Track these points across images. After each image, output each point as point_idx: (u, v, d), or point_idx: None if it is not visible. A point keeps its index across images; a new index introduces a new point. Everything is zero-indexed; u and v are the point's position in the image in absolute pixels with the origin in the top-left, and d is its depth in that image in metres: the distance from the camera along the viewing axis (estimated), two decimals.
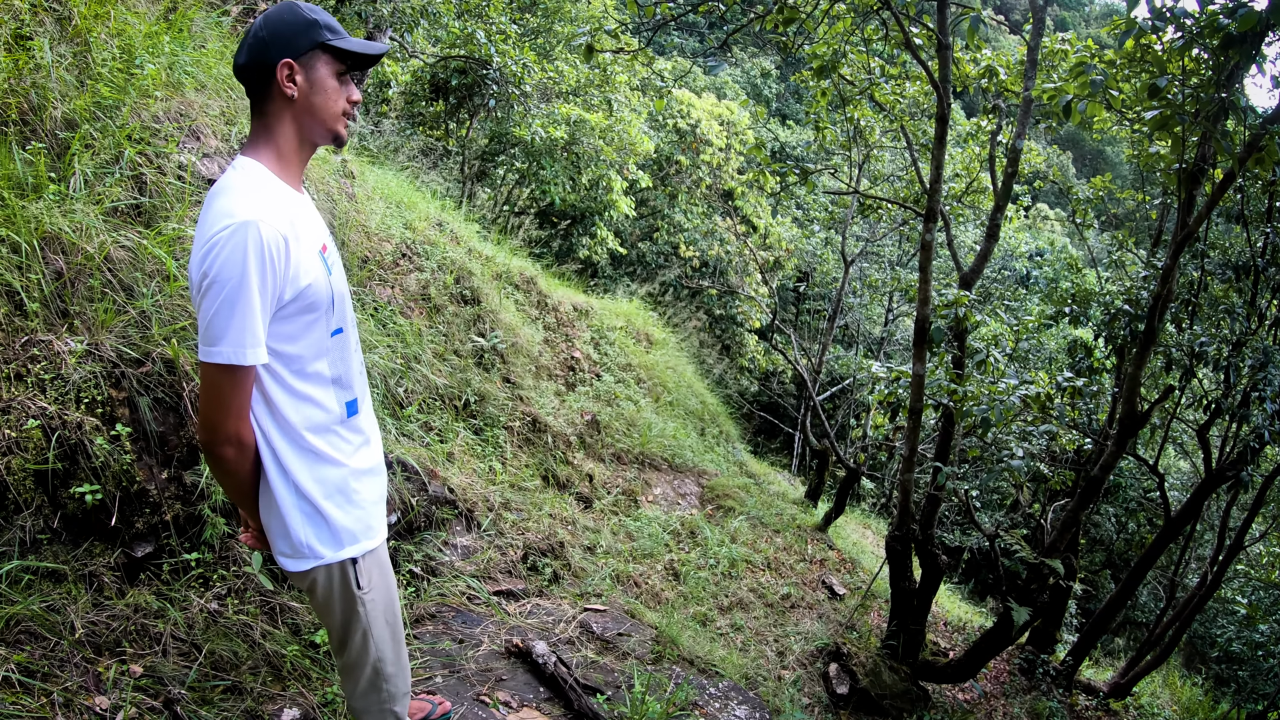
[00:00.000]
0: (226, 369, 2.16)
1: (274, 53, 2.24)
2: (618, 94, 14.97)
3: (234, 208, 2.14)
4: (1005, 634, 5.96)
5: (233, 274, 2.10)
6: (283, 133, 2.33)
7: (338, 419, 2.47)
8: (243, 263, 2.10)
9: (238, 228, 2.11)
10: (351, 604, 2.56)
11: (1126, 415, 5.66)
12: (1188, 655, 13.40)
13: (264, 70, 2.26)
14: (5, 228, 3.40)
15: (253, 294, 2.12)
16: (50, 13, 4.25)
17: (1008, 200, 6.57)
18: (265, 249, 2.13)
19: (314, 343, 2.37)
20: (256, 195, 2.19)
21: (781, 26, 6.31)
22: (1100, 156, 50.25)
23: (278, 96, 2.28)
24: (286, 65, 2.25)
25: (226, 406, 2.21)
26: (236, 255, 2.10)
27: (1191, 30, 4.62)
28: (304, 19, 2.26)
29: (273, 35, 2.24)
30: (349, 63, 2.36)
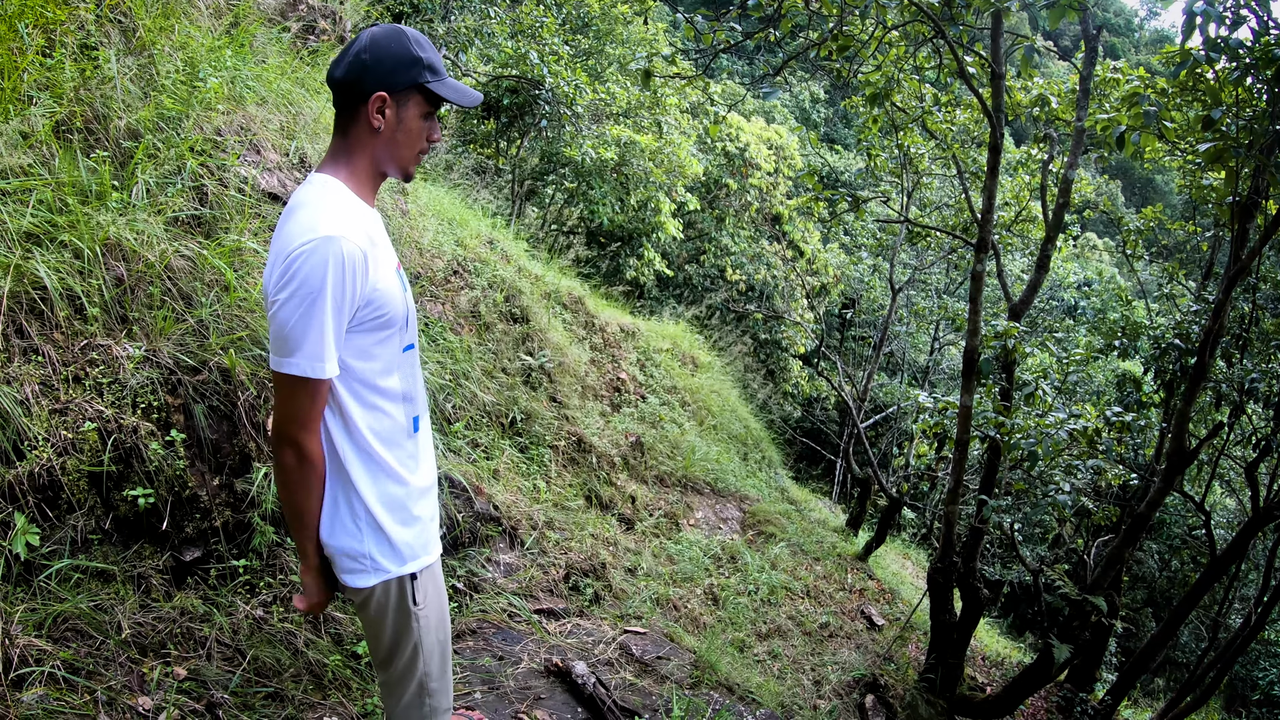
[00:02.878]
0: (299, 380, 2.17)
1: (371, 81, 2.22)
2: (668, 116, 15.01)
3: (316, 222, 2.15)
4: (1045, 671, 5.85)
5: (312, 288, 2.11)
6: (360, 157, 2.32)
7: (405, 434, 2.49)
8: (323, 277, 2.11)
9: (320, 242, 2.11)
10: (406, 619, 2.55)
11: (1175, 451, 5.56)
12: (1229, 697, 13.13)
13: (358, 94, 2.24)
14: (69, 233, 3.46)
15: (328, 308, 2.14)
16: (116, 24, 4.34)
17: (1059, 231, 6.50)
18: (346, 264, 2.14)
19: (388, 358, 2.38)
20: (338, 211, 2.20)
21: (836, 54, 6.31)
22: (1150, 185, 49.61)
23: (364, 123, 2.27)
24: (380, 99, 2.23)
25: (293, 415, 2.22)
26: (318, 269, 2.11)
27: (1246, 61, 4.55)
28: (410, 55, 2.24)
29: (375, 62, 2.22)
30: (440, 105, 2.34)
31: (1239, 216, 5.25)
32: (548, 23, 11.79)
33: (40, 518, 3.08)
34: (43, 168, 3.58)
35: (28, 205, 3.41)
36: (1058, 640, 5.64)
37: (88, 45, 4.14)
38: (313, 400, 2.22)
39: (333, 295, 2.13)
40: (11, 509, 2.98)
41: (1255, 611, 7.17)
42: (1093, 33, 6.18)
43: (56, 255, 3.40)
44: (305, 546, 2.44)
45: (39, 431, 3.10)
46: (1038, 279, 6.59)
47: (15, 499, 3.00)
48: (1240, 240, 5.30)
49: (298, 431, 2.23)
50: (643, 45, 17.26)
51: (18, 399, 3.08)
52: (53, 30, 4.00)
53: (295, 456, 2.26)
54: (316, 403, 2.24)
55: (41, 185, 3.50)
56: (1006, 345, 5.95)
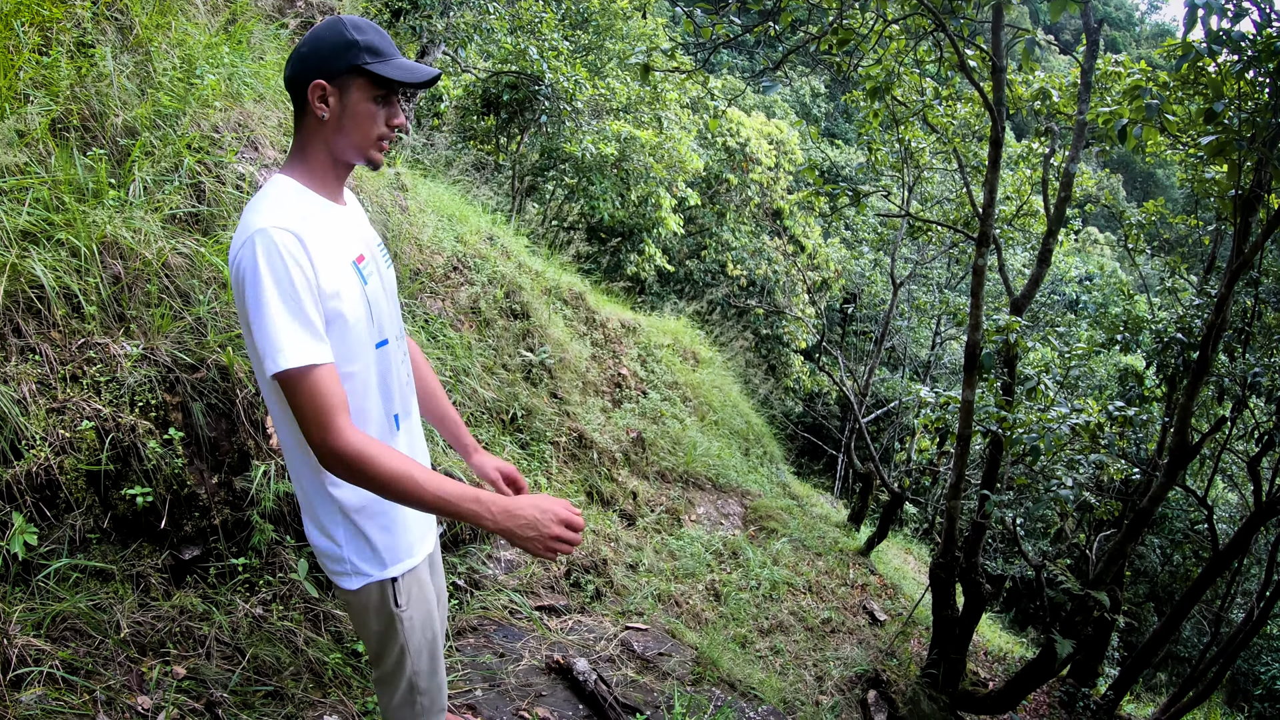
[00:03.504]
0: (286, 380, 2.06)
1: (309, 72, 2.17)
2: (668, 111, 15.00)
3: (245, 224, 2.11)
4: (1048, 666, 5.85)
5: (255, 283, 2.04)
6: (314, 151, 2.26)
7: (385, 434, 2.41)
8: (257, 270, 2.04)
9: (248, 240, 2.06)
10: (390, 621, 2.50)
11: (1177, 446, 5.55)
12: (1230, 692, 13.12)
13: (301, 86, 2.19)
14: (65, 232, 3.45)
15: (275, 295, 2.05)
16: (112, 22, 4.33)
17: (1060, 225, 6.48)
18: (279, 250, 2.06)
19: (350, 354, 2.27)
20: (266, 206, 2.14)
21: (836, 48, 6.29)
22: (1151, 179, 49.58)
23: (310, 115, 2.21)
24: (319, 86, 2.17)
25: (308, 420, 2.07)
26: (251, 265, 2.05)
27: (1248, 53, 4.53)
28: (344, 39, 2.17)
29: (311, 53, 2.18)
30: (392, 87, 2.26)
31: (1241, 210, 5.23)
32: (547, 18, 11.76)
33: (38, 517, 3.07)
34: (39, 166, 3.57)
35: (24, 204, 3.40)
36: (1060, 635, 5.63)
37: (84, 43, 4.12)
38: (309, 395, 2.06)
39: (276, 282, 2.05)
40: (9, 509, 2.97)
41: (1257, 606, 7.16)
42: (1094, 26, 6.16)
43: (53, 253, 3.39)
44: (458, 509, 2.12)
45: (36, 431, 3.09)
46: (1040, 273, 6.57)
47: (13, 499, 2.99)
48: (1242, 234, 5.29)
49: (323, 435, 2.06)
50: (642, 40, 17.23)
51: (15, 398, 3.07)
52: (49, 28, 3.98)
53: (342, 461, 2.07)
54: (321, 395, 2.07)
55: (38, 183, 3.49)
56: (1008, 340, 5.94)
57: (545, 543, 2.13)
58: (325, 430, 2.06)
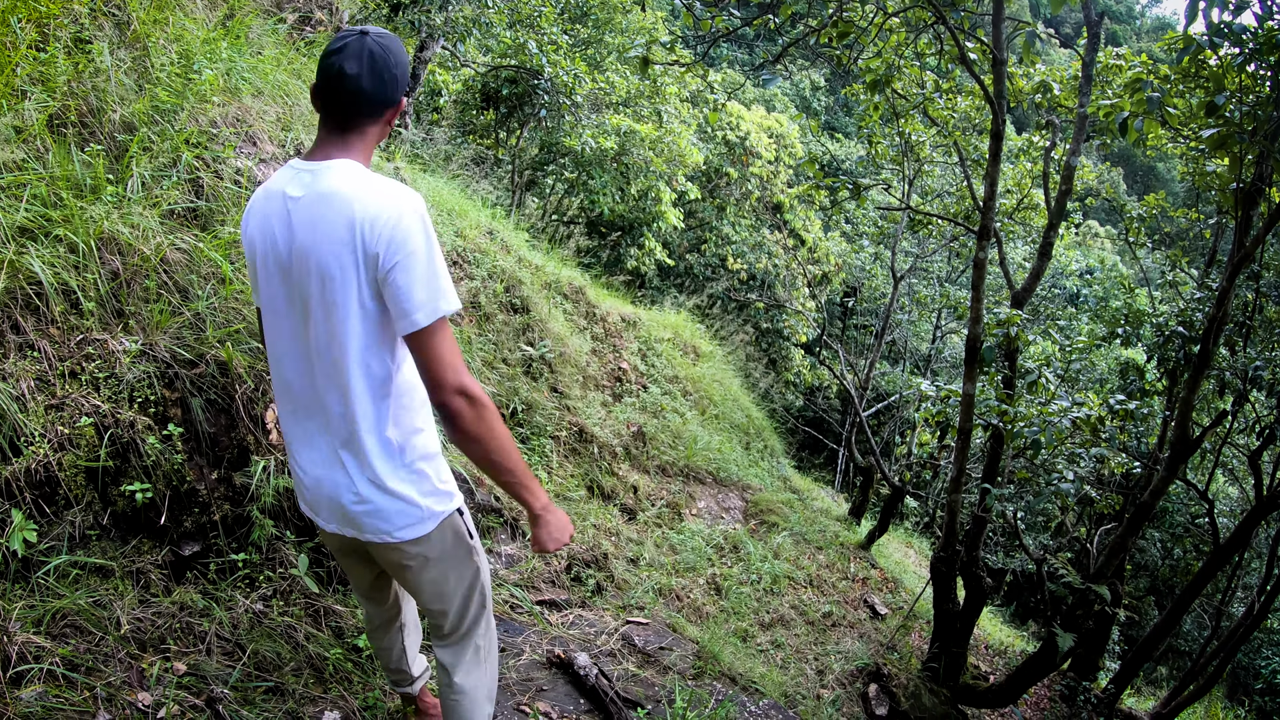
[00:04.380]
0: (444, 322, 2.26)
1: (397, 91, 2.34)
2: (668, 105, 14.97)
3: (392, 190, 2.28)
4: (1049, 660, 5.85)
5: (425, 237, 2.25)
6: (370, 149, 2.42)
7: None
8: (425, 228, 2.26)
9: (411, 202, 2.26)
10: (468, 555, 2.66)
11: (1178, 440, 5.54)
12: (1231, 686, 13.14)
13: (385, 102, 2.34)
14: (64, 228, 3.44)
15: (438, 251, 2.28)
16: (110, 17, 4.32)
17: (1061, 218, 6.47)
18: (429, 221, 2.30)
19: None
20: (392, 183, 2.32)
21: (836, 41, 6.27)
22: (1152, 173, 49.52)
23: (381, 126, 2.40)
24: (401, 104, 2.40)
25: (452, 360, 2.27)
26: (418, 224, 2.25)
27: (1249, 46, 4.52)
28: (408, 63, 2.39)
29: (404, 74, 2.35)
30: None
31: (1242, 203, 5.22)
32: (546, 12, 11.73)
33: (37, 514, 3.06)
34: (36, 162, 3.56)
35: (21, 200, 3.39)
36: (1061, 629, 5.63)
37: (81, 38, 4.11)
38: (452, 339, 2.29)
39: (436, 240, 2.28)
40: (9, 505, 2.96)
41: (1258, 600, 7.16)
42: (1095, 19, 6.14)
43: (51, 250, 3.38)
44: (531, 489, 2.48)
45: (35, 427, 3.08)
46: (1040, 266, 6.56)
47: (12, 495, 2.98)
48: (1244, 227, 5.28)
49: (459, 376, 2.26)
50: (641, 33, 17.17)
51: (14, 395, 3.06)
52: (46, 24, 3.97)
53: (468, 400, 2.27)
54: (454, 342, 2.31)
55: (35, 179, 3.48)
56: (1009, 333, 5.93)
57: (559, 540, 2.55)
58: (462, 371, 2.27)
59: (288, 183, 2.34)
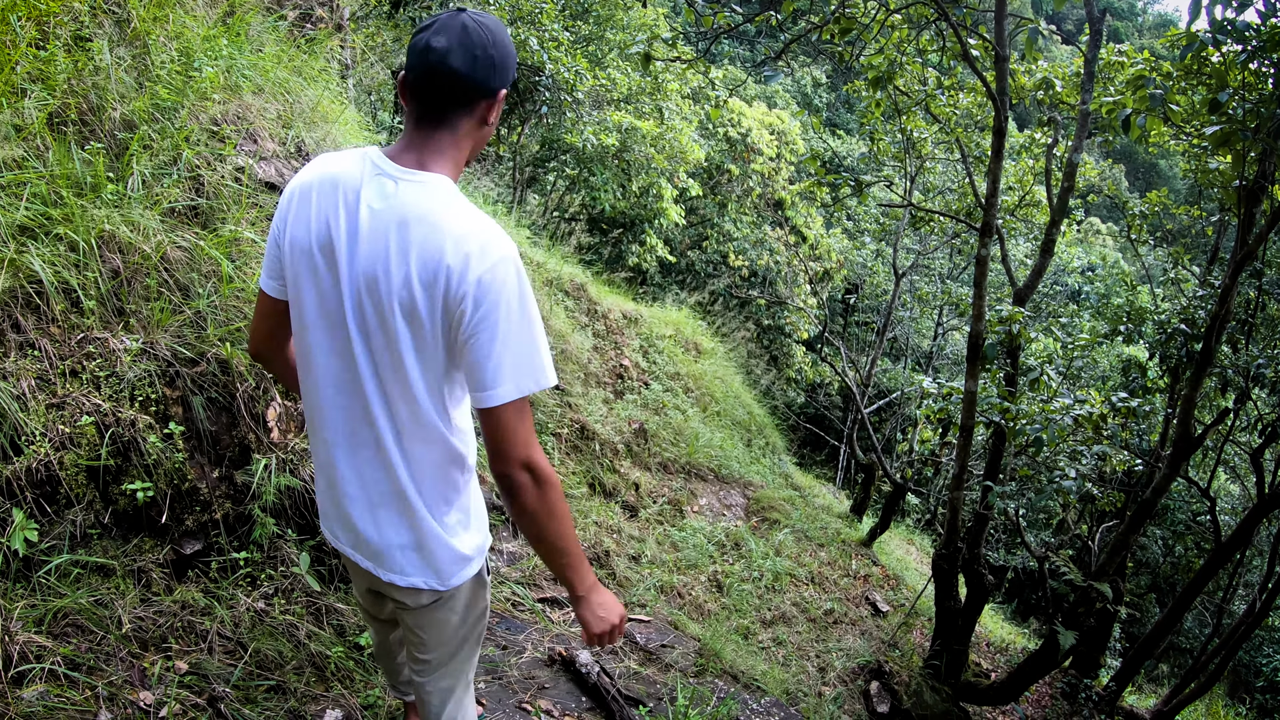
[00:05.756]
0: (525, 400, 2.08)
1: (500, 79, 2.09)
2: (669, 102, 14.96)
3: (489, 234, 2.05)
4: (1050, 657, 5.84)
5: (524, 304, 2.04)
6: (465, 153, 2.18)
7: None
8: (522, 291, 2.04)
9: (506, 258, 2.03)
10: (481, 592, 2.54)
11: (1180, 437, 5.54)
12: (1232, 684, 13.12)
13: (483, 91, 2.07)
14: (64, 226, 3.44)
15: (539, 323, 2.09)
16: (110, 15, 4.30)
17: (1063, 216, 6.45)
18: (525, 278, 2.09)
19: None
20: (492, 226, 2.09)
21: (838, 37, 6.26)
22: (1154, 170, 49.47)
23: (479, 119, 2.13)
24: (503, 96, 2.13)
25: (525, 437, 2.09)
26: (517, 283, 2.04)
27: (1252, 43, 4.51)
28: (514, 51, 2.13)
29: (503, 60, 2.07)
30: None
31: (1245, 201, 5.21)
32: (547, 8, 11.71)
33: (38, 513, 3.06)
34: (36, 160, 3.56)
35: (21, 198, 3.39)
36: (1063, 626, 5.62)
37: (81, 36, 4.10)
38: (530, 415, 2.11)
39: (535, 308, 2.08)
40: (9, 505, 2.96)
41: (1260, 598, 7.16)
42: (1097, 15, 6.12)
43: (51, 248, 3.37)
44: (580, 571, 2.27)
45: (36, 426, 3.08)
46: (1043, 263, 6.55)
47: (13, 495, 2.98)
48: (1246, 225, 5.27)
49: (530, 452, 2.08)
50: (643, 30, 17.16)
51: (14, 394, 3.06)
52: (46, 22, 3.96)
53: (533, 477, 2.08)
54: (531, 417, 2.13)
55: (35, 178, 3.47)
56: (1011, 330, 5.92)
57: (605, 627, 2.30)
58: (532, 448, 2.08)
59: (365, 183, 2.08)
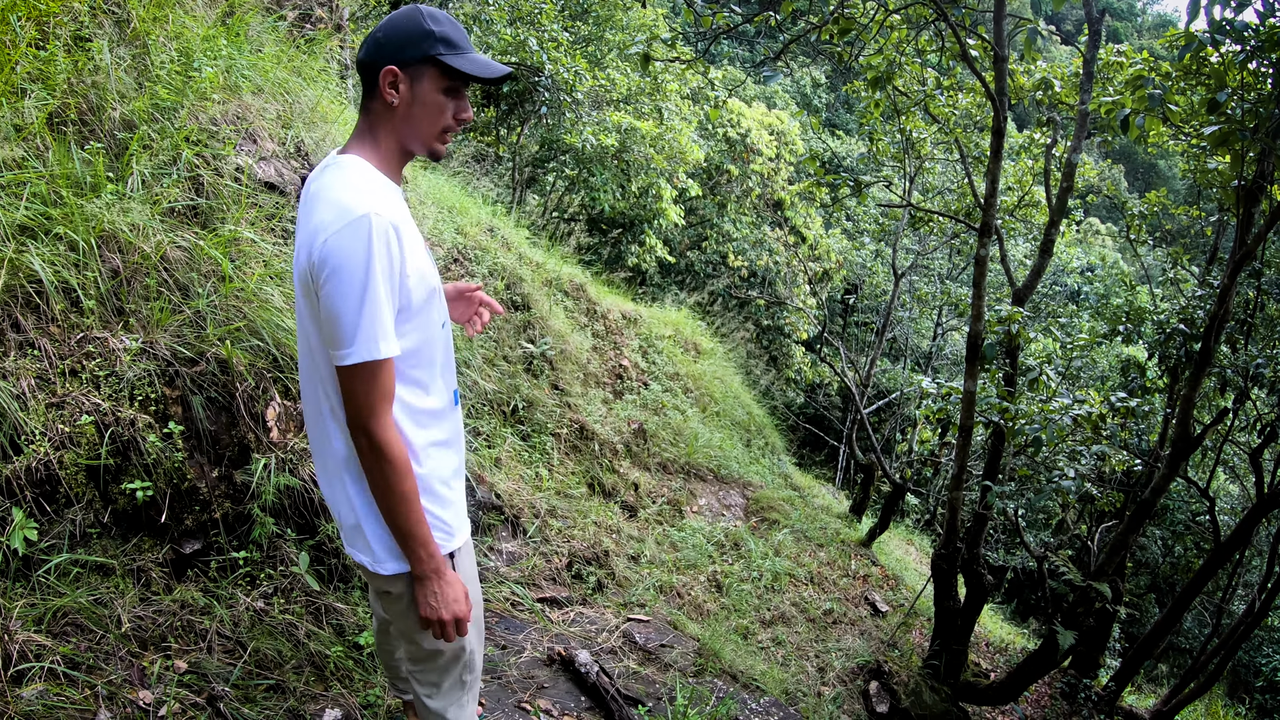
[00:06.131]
0: (359, 367, 2.14)
1: (383, 57, 2.22)
2: (668, 102, 14.96)
3: (348, 202, 2.14)
4: (1049, 657, 5.84)
5: (357, 268, 2.10)
6: (383, 135, 2.31)
7: (447, 410, 2.47)
8: (366, 256, 2.10)
9: (356, 221, 2.10)
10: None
11: (1179, 437, 5.54)
12: (1232, 684, 13.12)
13: (373, 70, 2.24)
14: (64, 226, 3.44)
15: (378, 285, 2.12)
16: (109, 15, 4.31)
17: (1062, 216, 6.45)
18: (387, 239, 2.13)
19: (427, 335, 2.36)
20: (367, 188, 2.19)
21: (837, 37, 6.26)
22: (1153, 170, 49.51)
23: (380, 100, 2.26)
24: (390, 72, 2.22)
25: (360, 405, 2.18)
26: (359, 250, 2.10)
27: (1251, 43, 4.51)
28: (421, 29, 2.22)
29: (387, 38, 2.22)
30: (463, 80, 2.30)
31: (1244, 201, 5.21)
32: (546, 9, 11.71)
33: (38, 512, 3.06)
34: (36, 160, 3.56)
35: (21, 198, 3.39)
36: (1062, 626, 5.62)
37: (81, 36, 4.11)
38: (377, 385, 2.18)
39: (380, 271, 2.12)
40: (9, 504, 2.96)
41: (1259, 598, 7.16)
42: (1096, 16, 6.13)
43: (51, 248, 3.38)
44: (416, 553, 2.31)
45: (36, 426, 3.08)
46: (1042, 263, 6.55)
47: (13, 494, 2.98)
48: (1245, 225, 5.27)
49: (369, 420, 2.18)
50: (642, 30, 17.17)
51: (14, 393, 3.06)
52: (46, 21, 3.97)
53: (368, 444, 2.20)
54: (381, 386, 2.19)
55: (35, 178, 3.48)
56: (1010, 330, 5.92)
57: (438, 614, 2.34)
58: (374, 417, 2.19)
59: (315, 175, 2.32)
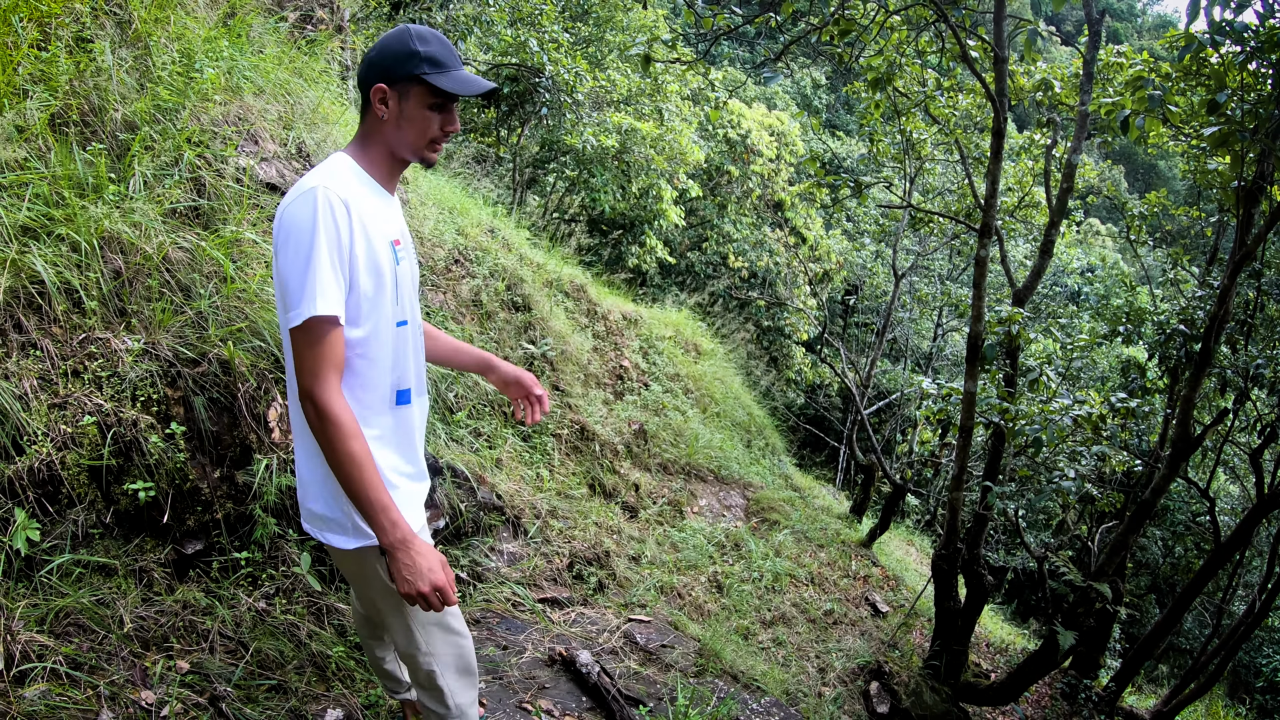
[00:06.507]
0: (303, 329, 2.23)
1: (373, 75, 2.40)
2: (669, 103, 14.96)
3: (304, 181, 2.32)
4: (1050, 657, 5.84)
5: (302, 234, 2.24)
6: (373, 143, 2.49)
7: (387, 405, 2.52)
8: (311, 222, 2.24)
9: (303, 194, 2.27)
10: (390, 593, 2.55)
11: (1179, 438, 5.54)
12: (1232, 684, 13.12)
13: (366, 86, 2.42)
14: (66, 227, 3.45)
15: (321, 248, 2.24)
16: (111, 16, 4.32)
17: (1062, 217, 6.46)
18: (332, 207, 2.26)
19: (374, 326, 2.42)
20: (327, 171, 2.36)
21: (837, 39, 6.27)
22: (1153, 171, 49.52)
23: (372, 113, 2.44)
24: (380, 90, 2.39)
25: (304, 368, 2.26)
26: (305, 217, 2.25)
27: (1250, 44, 4.52)
28: (408, 49, 2.38)
29: (378, 58, 2.40)
30: (448, 96, 2.44)
31: (1244, 201, 5.22)
32: (547, 10, 11.72)
33: (40, 513, 3.07)
34: (38, 161, 3.57)
35: (24, 199, 3.40)
36: (1062, 627, 5.63)
37: (83, 38, 4.11)
38: (323, 347, 2.26)
39: (325, 236, 2.25)
40: (12, 504, 2.97)
41: (1259, 598, 7.16)
42: (1096, 17, 6.13)
43: (53, 249, 3.38)
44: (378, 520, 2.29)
45: (38, 426, 3.09)
46: (1042, 264, 6.55)
47: (15, 494, 2.99)
48: (1245, 225, 5.27)
49: (311, 383, 2.25)
50: (643, 31, 17.18)
51: (16, 394, 3.07)
52: (47, 23, 3.97)
53: (314, 410, 2.26)
54: (324, 350, 2.26)
55: (37, 179, 3.48)
56: (1010, 331, 5.93)
57: (414, 587, 2.30)
58: (316, 380, 2.26)
59: None
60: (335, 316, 2.25)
